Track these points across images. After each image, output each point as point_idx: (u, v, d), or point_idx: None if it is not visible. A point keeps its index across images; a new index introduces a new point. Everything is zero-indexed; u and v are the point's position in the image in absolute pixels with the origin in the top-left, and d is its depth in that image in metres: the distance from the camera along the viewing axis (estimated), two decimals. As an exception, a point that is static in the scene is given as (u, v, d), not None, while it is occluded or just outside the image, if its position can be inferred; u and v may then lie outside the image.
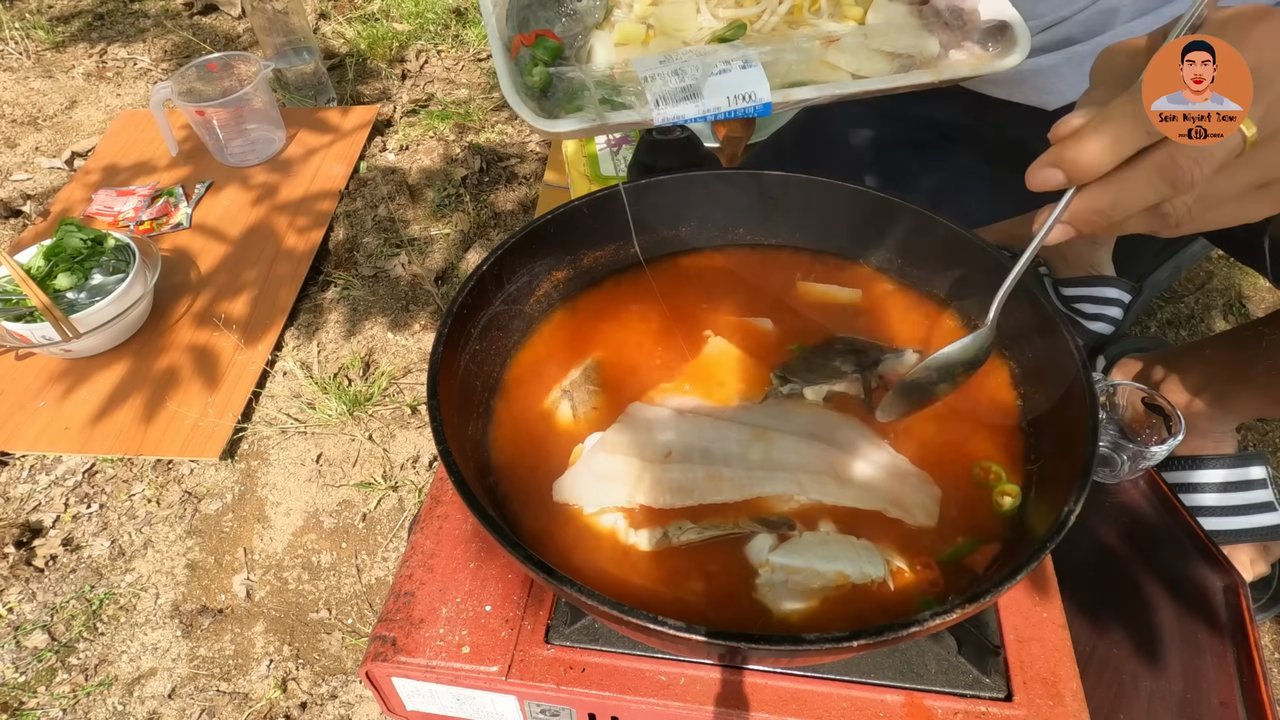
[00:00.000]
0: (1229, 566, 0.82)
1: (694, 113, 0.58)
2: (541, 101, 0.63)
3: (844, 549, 0.60)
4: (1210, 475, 0.99)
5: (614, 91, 0.60)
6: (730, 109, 0.58)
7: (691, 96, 0.58)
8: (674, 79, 0.59)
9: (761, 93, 0.58)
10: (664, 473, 0.64)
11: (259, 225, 1.53)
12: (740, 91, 0.58)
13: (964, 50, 0.65)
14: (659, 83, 0.59)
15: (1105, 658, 0.76)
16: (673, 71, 0.59)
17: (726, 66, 0.59)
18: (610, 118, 0.59)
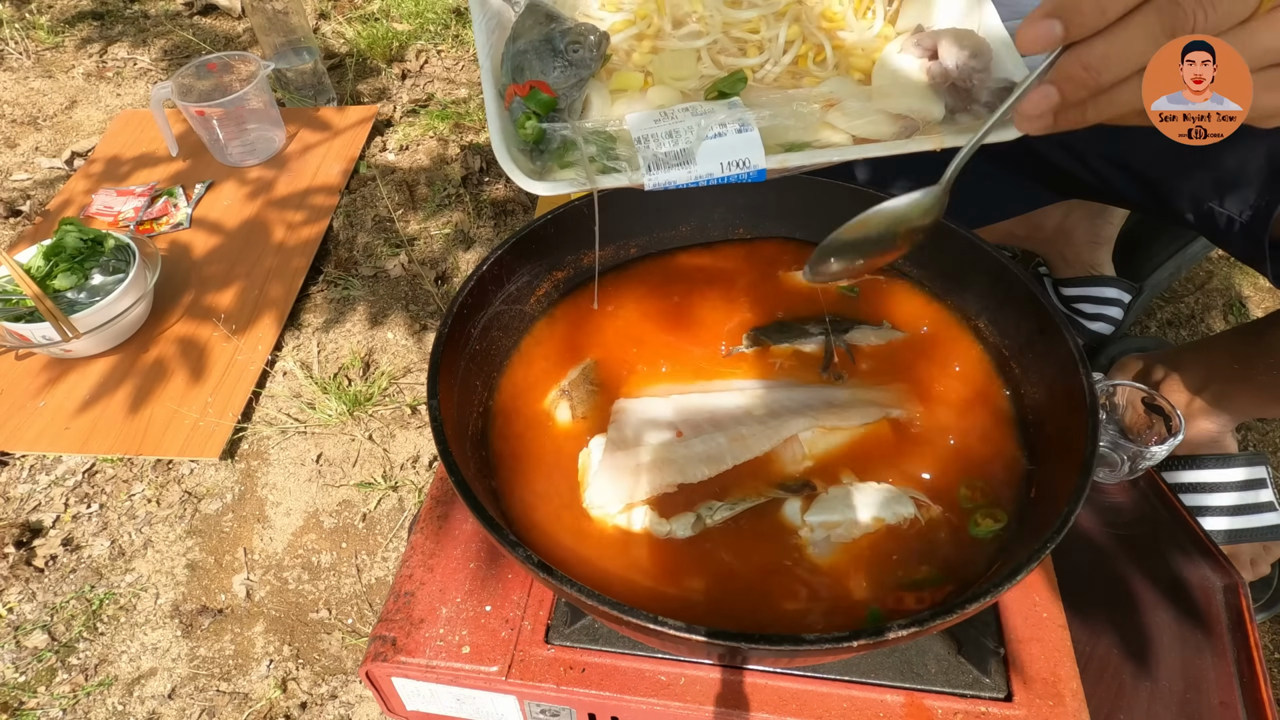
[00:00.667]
0: (1229, 566, 0.82)
1: (686, 179, 0.58)
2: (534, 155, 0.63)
3: (872, 495, 0.63)
4: (1210, 475, 0.99)
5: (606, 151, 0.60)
6: (723, 175, 0.58)
7: (684, 162, 0.58)
8: (667, 141, 0.59)
9: (756, 159, 0.58)
10: (688, 449, 0.66)
11: (259, 225, 1.53)
12: (735, 158, 0.58)
13: (970, 114, 0.62)
14: (652, 145, 0.58)
15: (1105, 658, 0.76)
16: (667, 133, 0.59)
17: (722, 130, 0.58)
18: (600, 180, 0.58)
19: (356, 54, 1.96)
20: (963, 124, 0.61)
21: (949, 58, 0.63)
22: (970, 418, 0.69)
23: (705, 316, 0.78)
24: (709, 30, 0.68)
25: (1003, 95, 0.60)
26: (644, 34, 0.69)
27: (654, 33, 0.68)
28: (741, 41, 0.69)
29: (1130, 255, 1.28)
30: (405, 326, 1.37)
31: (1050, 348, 0.64)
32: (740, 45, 0.69)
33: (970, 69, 0.62)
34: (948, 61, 0.63)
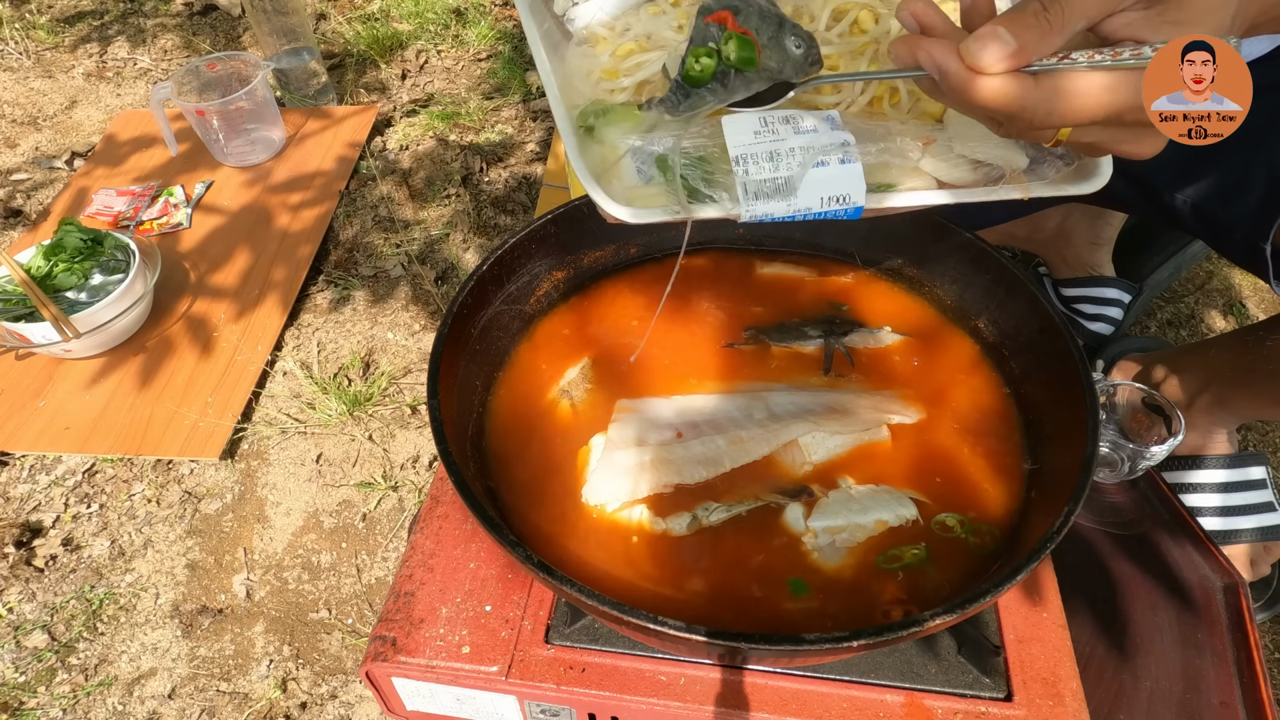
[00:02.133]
0: (1229, 566, 0.82)
1: (784, 212, 0.54)
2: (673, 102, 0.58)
3: (874, 498, 0.63)
4: (1210, 475, 0.99)
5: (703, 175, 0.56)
6: (821, 210, 0.54)
7: (785, 193, 0.53)
8: (768, 166, 0.54)
9: (856, 196, 0.54)
10: (686, 451, 0.66)
11: (259, 225, 1.53)
12: (835, 193, 0.54)
13: (1048, 165, 0.60)
14: (751, 169, 0.54)
15: (1105, 658, 0.76)
16: (767, 154, 0.55)
17: (825, 160, 0.54)
18: (694, 210, 0.55)
19: (356, 54, 1.96)
20: (1043, 174, 0.59)
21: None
22: (970, 419, 0.69)
23: (705, 317, 0.78)
24: None
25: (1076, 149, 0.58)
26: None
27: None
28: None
29: (1130, 256, 1.28)
30: (405, 326, 1.37)
31: (1050, 348, 0.64)
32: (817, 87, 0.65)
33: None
34: None
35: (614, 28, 0.66)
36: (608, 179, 0.60)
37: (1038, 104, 0.45)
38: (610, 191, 0.58)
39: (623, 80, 0.65)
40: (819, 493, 0.63)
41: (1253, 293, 1.40)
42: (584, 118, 0.64)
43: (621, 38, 0.66)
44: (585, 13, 0.66)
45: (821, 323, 0.76)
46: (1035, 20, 0.44)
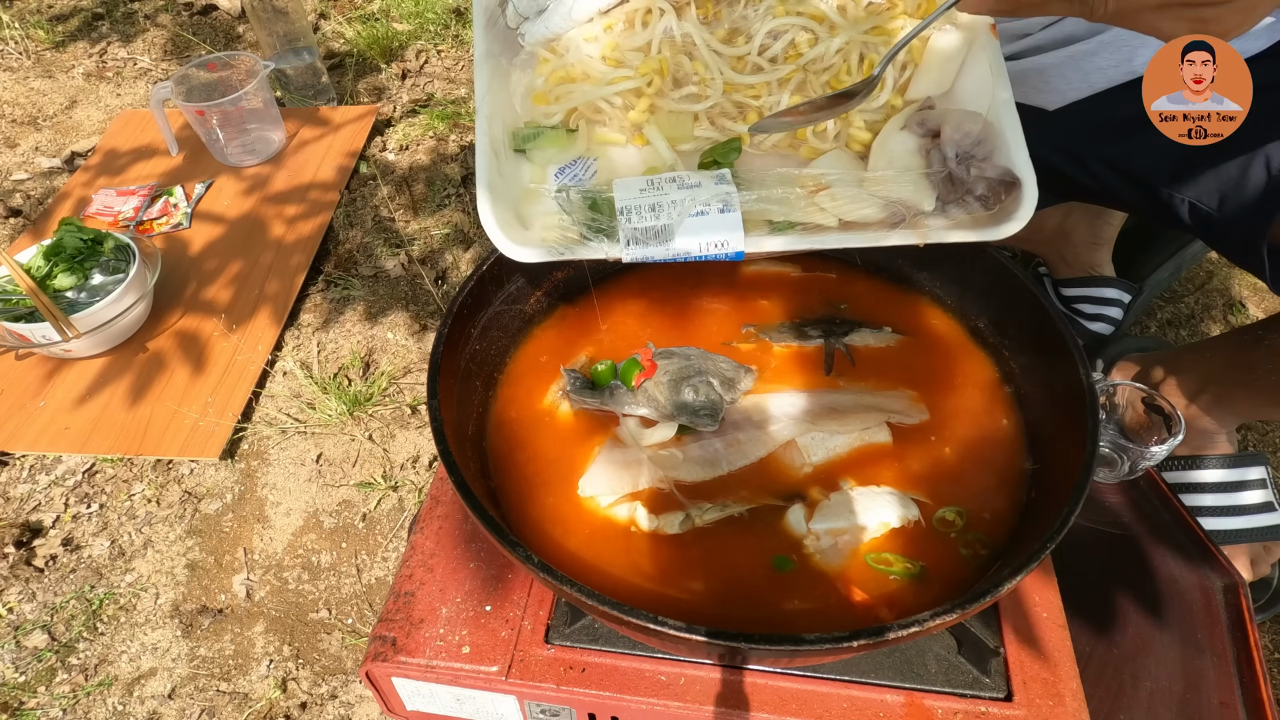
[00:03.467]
0: (1229, 566, 0.82)
1: (663, 255, 0.58)
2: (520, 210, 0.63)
3: (875, 499, 0.63)
4: (1210, 475, 0.99)
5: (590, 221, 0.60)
6: (700, 254, 0.58)
7: (663, 239, 0.58)
8: (649, 215, 0.58)
9: (734, 242, 0.58)
10: (683, 452, 0.66)
11: (259, 225, 1.53)
12: (714, 239, 0.58)
13: (961, 207, 0.60)
14: (634, 219, 0.58)
15: (1105, 658, 0.76)
16: (650, 206, 0.59)
17: (705, 210, 0.58)
18: (577, 250, 0.59)
19: (356, 54, 1.96)
20: (953, 217, 0.60)
21: (949, 145, 0.61)
22: (970, 419, 0.69)
23: (705, 316, 0.78)
24: (709, 94, 0.66)
25: (998, 189, 0.59)
26: (643, 91, 0.67)
27: (654, 91, 0.67)
28: (743, 105, 0.67)
29: (1130, 255, 1.28)
30: (405, 326, 1.37)
31: (1050, 348, 0.64)
32: (741, 109, 0.68)
33: (969, 157, 0.60)
34: (947, 149, 0.61)
35: (556, 50, 0.68)
36: (533, 200, 0.64)
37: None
38: (532, 212, 0.63)
39: (553, 107, 0.68)
40: (819, 496, 0.63)
41: (1253, 293, 1.40)
42: (517, 140, 0.67)
43: (560, 61, 0.68)
44: (535, 31, 0.68)
45: (822, 322, 0.76)
46: None
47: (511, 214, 0.61)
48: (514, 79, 0.69)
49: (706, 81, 0.66)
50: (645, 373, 0.69)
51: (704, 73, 0.66)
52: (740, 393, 0.70)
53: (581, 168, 0.67)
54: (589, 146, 0.68)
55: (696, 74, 0.66)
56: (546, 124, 0.68)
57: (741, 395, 0.70)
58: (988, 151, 0.60)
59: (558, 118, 0.68)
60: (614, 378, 0.69)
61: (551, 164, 0.67)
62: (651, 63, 0.66)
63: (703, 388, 0.68)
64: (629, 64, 0.66)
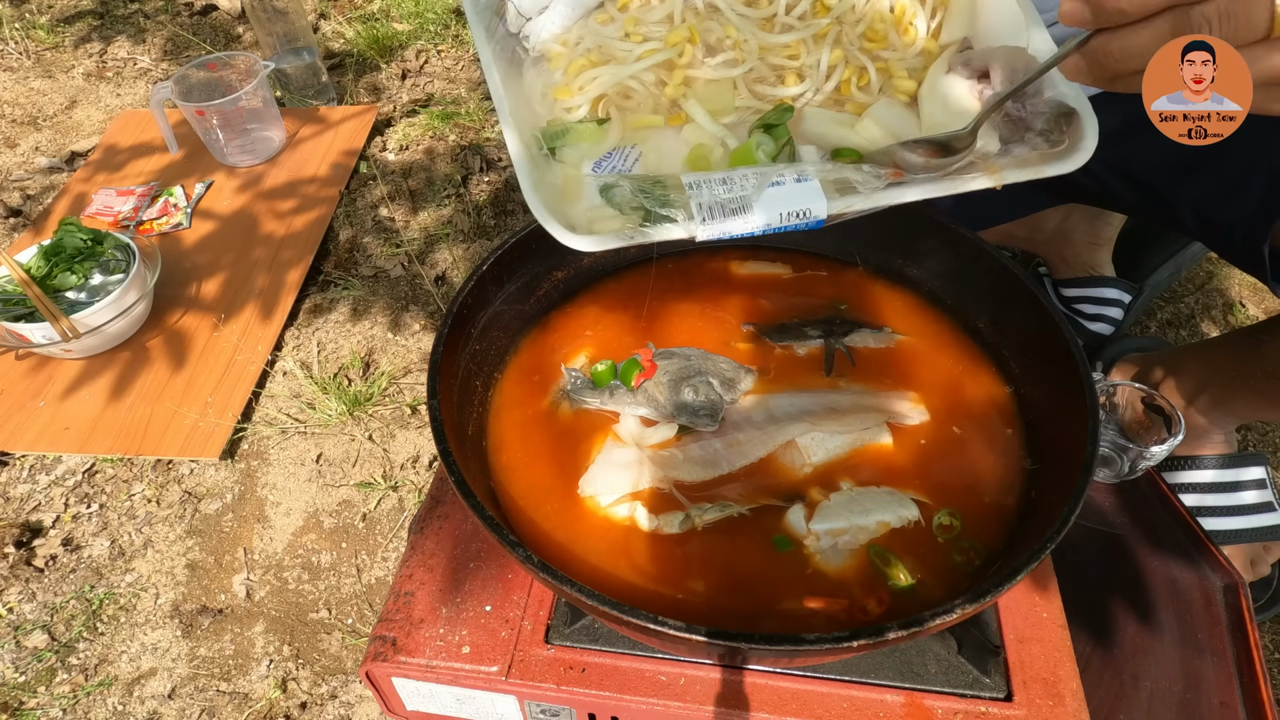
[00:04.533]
0: (1229, 566, 0.82)
1: (742, 229, 0.54)
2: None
3: (875, 500, 0.63)
4: (1210, 475, 0.99)
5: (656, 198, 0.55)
6: (781, 225, 0.54)
7: (740, 210, 0.53)
8: (721, 189, 0.54)
9: (818, 209, 0.54)
10: (684, 453, 0.66)
11: (259, 225, 1.53)
12: (794, 208, 0.54)
13: (1025, 145, 0.56)
14: (705, 190, 0.54)
15: (1105, 658, 0.76)
16: (721, 180, 0.55)
17: (781, 179, 0.54)
18: (648, 232, 0.54)
19: (356, 54, 1.96)
20: (1019, 156, 0.56)
21: (1002, 82, 0.58)
22: (971, 419, 0.69)
23: (705, 317, 0.78)
24: (745, 58, 0.62)
25: (1058, 122, 0.56)
26: (674, 63, 0.62)
27: (686, 62, 0.62)
28: (780, 68, 0.63)
29: (1130, 256, 1.28)
30: (405, 326, 1.37)
31: (1050, 348, 0.64)
32: (778, 72, 0.64)
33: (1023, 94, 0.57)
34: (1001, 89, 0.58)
35: (567, 42, 0.65)
36: (572, 199, 0.60)
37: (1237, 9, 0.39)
38: (574, 213, 0.58)
39: (576, 99, 0.63)
40: (817, 496, 0.63)
41: (1253, 293, 1.40)
42: (545, 140, 0.62)
43: (574, 51, 0.64)
44: (539, 28, 0.65)
45: (822, 323, 0.76)
46: None
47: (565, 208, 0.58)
48: (527, 80, 0.65)
49: (740, 45, 0.62)
50: (645, 373, 0.69)
51: (737, 35, 0.62)
52: (740, 393, 0.70)
53: (619, 158, 0.63)
54: (624, 134, 0.64)
55: (729, 37, 0.62)
56: (572, 119, 0.64)
57: (741, 395, 0.70)
58: (1038, 86, 0.58)
59: (584, 109, 0.64)
60: (614, 378, 0.69)
61: (586, 159, 0.63)
62: (680, 30, 0.62)
63: (703, 388, 0.68)
64: (654, 36, 0.62)
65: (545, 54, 0.65)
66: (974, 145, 0.56)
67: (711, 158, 0.62)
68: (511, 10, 0.65)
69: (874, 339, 0.75)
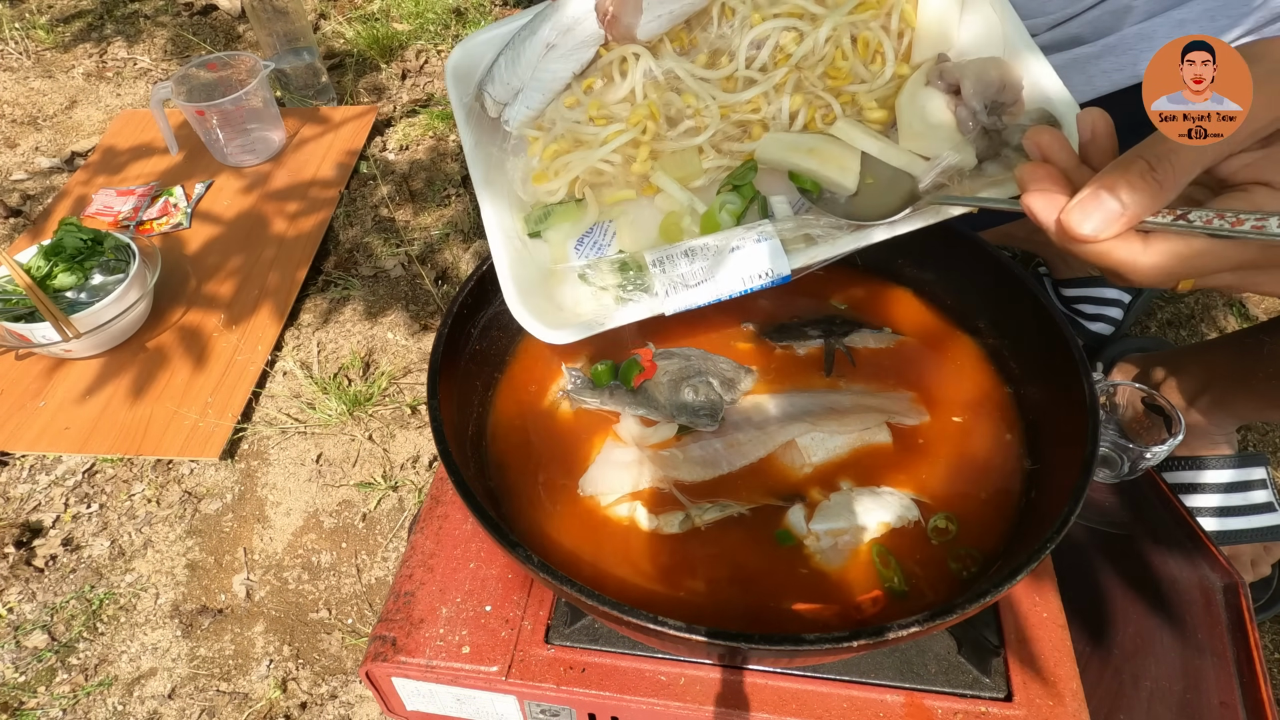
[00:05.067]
0: (1229, 567, 0.82)
1: (707, 298, 0.55)
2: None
3: (875, 500, 0.62)
4: (1210, 476, 0.99)
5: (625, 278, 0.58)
6: (745, 288, 0.55)
7: (704, 280, 0.55)
8: (684, 262, 0.56)
9: (779, 267, 0.55)
10: (684, 453, 0.66)
11: (259, 225, 1.53)
12: (756, 270, 0.55)
13: (1000, 163, 0.56)
14: (668, 268, 0.56)
15: (1105, 658, 0.76)
16: (684, 254, 0.56)
17: (741, 244, 0.55)
18: (616, 317, 0.56)
19: (356, 54, 1.96)
20: (992, 175, 0.56)
21: (974, 98, 0.56)
22: (971, 419, 0.69)
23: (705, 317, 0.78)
24: (707, 123, 0.64)
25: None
26: (639, 140, 0.64)
27: (650, 138, 0.64)
28: (745, 123, 0.65)
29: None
30: (405, 326, 1.37)
31: (1050, 348, 0.64)
32: (744, 127, 0.65)
33: (999, 105, 0.56)
34: (973, 103, 0.56)
35: (542, 125, 0.67)
36: (559, 279, 0.63)
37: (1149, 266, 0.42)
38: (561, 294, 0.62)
39: (554, 183, 0.66)
40: (817, 496, 0.63)
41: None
42: (530, 223, 0.65)
43: (548, 136, 0.66)
44: (516, 115, 0.67)
45: (822, 323, 0.76)
46: (1143, 181, 0.40)
47: (543, 299, 0.60)
48: (509, 166, 0.68)
49: (701, 111, 0.64)
50: (645, 373, 0.69)
51: (696, 103, 0.64)
52: (740, 393, 0.70)
53: (600, 233, 0.66)
54: (601, 210, 0.67)
55: (689, 106, 0.64)
56: (552, 201, 0.66)
57: (741, 396, 0.70)
58: (1016, 94, 0.57)
59: (561, 193, 0.66)
60: (614, 378, 0.69)
61: (569, 239, 0.66)
62: (640, 109, 0.64)
63: (702, 388, 0.68)
64: (618, 117, 0.65)
65: (523, 139, 0.68)
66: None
67: (683, 224, 0.64)
68: (489, 99, 0.68)
69: (874, 339, 0.75)
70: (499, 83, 0.66)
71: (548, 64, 0.64)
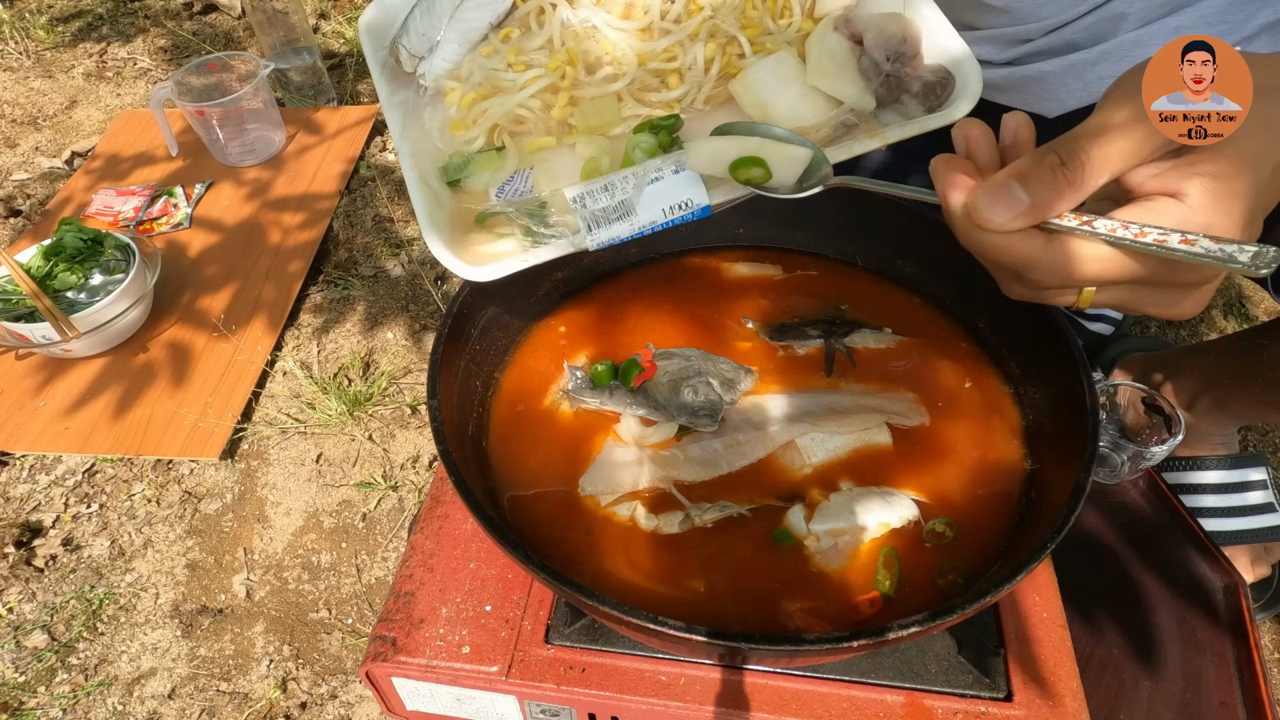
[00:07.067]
0: (1229, 567, 0.82)
1: (629, 231, 0.56)
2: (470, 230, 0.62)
3: (875, 500, 0.62)
4: (1210, 476, 0.99)
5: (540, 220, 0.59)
6: (667, 220, 0.57)
7: (625, 214, 0.56)
8: (604, 196, 0.57)
9: (698, 197, 0.56)
10: (684, 453, 0.66)
11: (259, 225, 1.53)
12: (675, 200, 0.56)
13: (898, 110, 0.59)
14: (589, 203, 0.57)
15: (1105, 658, 0.76)
16: (602, 188, 0.57)
17: (659, 175, 0.57)
18: (539, 254, 0.57)
19: (356, 54, 1.96)
20: (887, 121, 0.59)
21: (875, 49, 0.60)
22: (971, 419, 0.69)
23: (705, 317, 0.78)
24: (625, 71, 0.65)
25: (936, 86, 0.59)
26: (558, 86, 0.66)
27: (569, 84, 0.66)
28: (661, 72, 0.66)
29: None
30: (405, 326, 1.37)
31: (1050, 348, 0.64)
32: (661, 76, 0.67)
33: (899, 55, 0.60)
34: (875, 54, 0.60)
35: (459, 76, 0.67)
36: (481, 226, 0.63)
37: (1049, 265, 0.41)
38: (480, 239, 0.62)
39: (472, 131, 0.67)
40: (817, 496, 0.63)
41: (1253, 293, 1.40)
42: (448, 172, 0.66)
43: (466, 86, 0.67)
44: (432, 67, 0.68)
45: (822, 323, 0.76)
46: (1052, 176, 0.40)
47: (462, 242, 0.60)
48: (425, 117, 0.68)
49: (618, 59, 0.65)
50: (645, 374, 0.69)
51: (614, 50, 0.65)
52: (740, 393, 0.70)
53: (521, 180, 0.66)
54: (521, 158, 0.67)
55: (607, 53, 0.66)
56: (471, 150, 0.67)
57: (741, 396, 0.70)
58: (916, 48, 0.60)
59: (480, 140, 0.67)
60: (613, 378, 0.69)
61: (490, 187, 0.66)
62: (559, 55, 0.65)
63: (702, 388, 0.68)
64: (537, 63, 0.66)
65: (440, 90, 0.69)
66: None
67: (602, 169, 0.65)
68: (404, 53, 0.68)
69: (874, 339, 0.75)
70: (414, 34, 0.67)
71: (464, 13, 0.65)
